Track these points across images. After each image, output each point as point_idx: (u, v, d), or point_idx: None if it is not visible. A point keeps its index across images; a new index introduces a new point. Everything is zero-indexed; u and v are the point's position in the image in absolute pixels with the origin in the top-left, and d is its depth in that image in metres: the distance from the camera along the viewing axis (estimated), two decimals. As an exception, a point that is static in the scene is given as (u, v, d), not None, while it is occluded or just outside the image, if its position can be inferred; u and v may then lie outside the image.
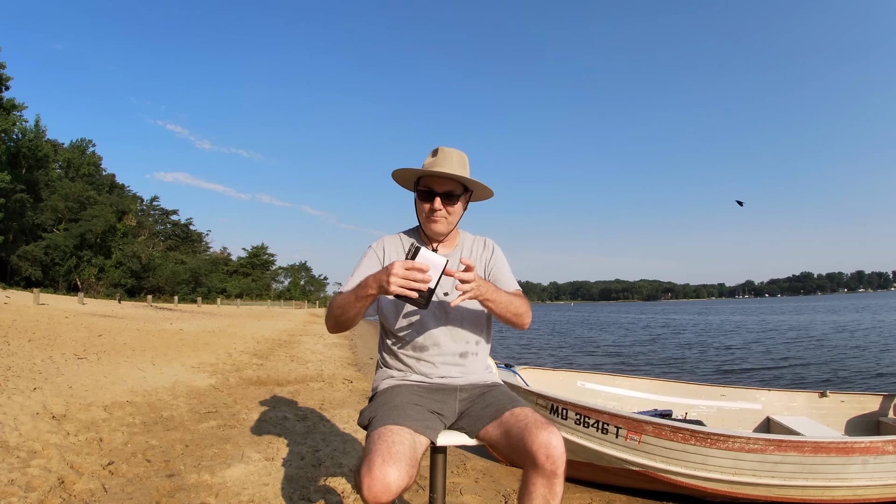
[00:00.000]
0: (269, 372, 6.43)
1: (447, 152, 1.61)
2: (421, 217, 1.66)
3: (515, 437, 1.40)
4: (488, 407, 1.53)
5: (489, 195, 1.74)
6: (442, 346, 1.60)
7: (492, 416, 1.49)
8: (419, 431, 1.40)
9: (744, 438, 2.41)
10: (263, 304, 49.08)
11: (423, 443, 1.40)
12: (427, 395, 1.57)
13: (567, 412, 2.65)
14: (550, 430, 1.37)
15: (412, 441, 1.35)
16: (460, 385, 1.60)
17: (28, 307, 13.42)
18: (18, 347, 5.94)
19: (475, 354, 1.64)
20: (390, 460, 1.25)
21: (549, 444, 1.34)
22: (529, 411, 1.47)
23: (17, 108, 31.41)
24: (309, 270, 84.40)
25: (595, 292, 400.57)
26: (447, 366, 1.60)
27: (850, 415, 3.63)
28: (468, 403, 1.58)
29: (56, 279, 34.76)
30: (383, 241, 1.71)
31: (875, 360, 9.69)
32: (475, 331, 1.64)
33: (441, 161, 1.59)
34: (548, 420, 1.42)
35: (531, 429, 1.38)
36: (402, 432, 1.36)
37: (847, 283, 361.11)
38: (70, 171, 41.49)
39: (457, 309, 1.60)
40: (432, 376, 1.59)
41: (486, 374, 1.68)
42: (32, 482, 2.31)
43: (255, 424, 3.68)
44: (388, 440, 1.31)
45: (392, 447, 1.29)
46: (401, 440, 1.33)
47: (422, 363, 1.60)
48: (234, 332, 12.87)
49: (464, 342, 1.62)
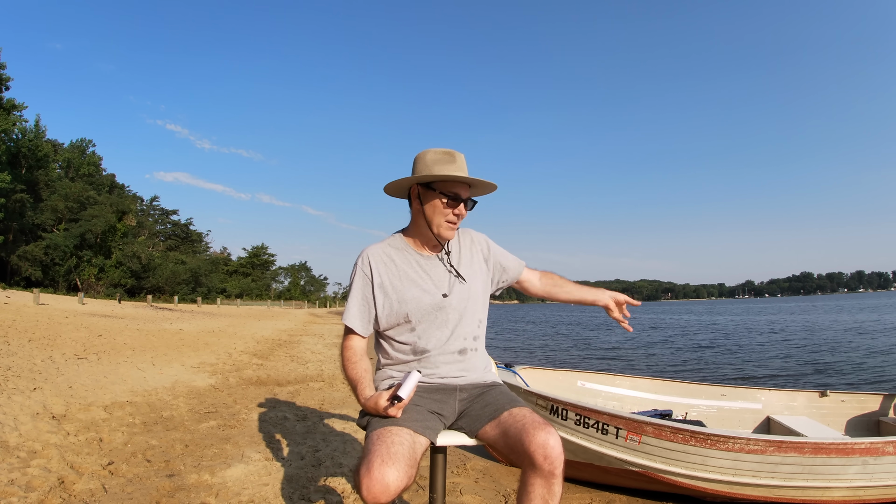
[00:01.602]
0: (269, 372, 6.43)
1: (462, 158, 1.62)
2: (438, 221, 1.60)
3: (513, 438, 1.41)
4: (487, 406, 1.53)
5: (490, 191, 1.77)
6: (441, 346, 1.59)
7: (490, 416, 1.50)
8: (419, 432, 1.40)
9: (744, 439, 2.41)
10: (263, 305, 49.09)
11: (423, 443, 1.40)
12: (427, 395, 1.56)
13: (567, 413, 2.65)
14: (548, 431, 1.37)
15: (411, 441, 1.36)
16: (460, 385, 1.60)
17: (28, 307, 13.42)
18: (18, 347, 5.94)
19: (474, 350, 1.65)
20: (389, 461, 1.26)
21: (546, 445, 1.34)
22: (528, 411, 1.47)
23: (17, 108, 31.41)
24: (309, 270, 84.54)
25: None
26: (447, 365, 1.60)
27: (850, 415, 3.63)
28: (468, 403, 1.58)
29: (56, 279, 34.76)
30: (368, 257, 1.63)
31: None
32: (472, 327, 1.64)
33: (462, 167, 1.60)
34: (546, 420, 1.43)
35: (529, 429, 1.38)
36: (402, 433, 1.36)
37: (847, 283, 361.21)
38: (70, 171, 41.49)
39: (455, 308, 1.61)
40: (432, 377, 1.59)
41: (486, 374, 1.68)
42: (32, 482, 2.31)
43: (255, 424, 3.69)
44: (388, 441, 1.32)
45: (391, 448, 1.30)
46: (400, 440, 1.33)
47: (421, 364, 1.60)
48: (234, 332, 12.88)
49: (461, 339, 1.62)
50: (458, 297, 1.62)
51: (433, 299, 1.60)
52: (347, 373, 1.59)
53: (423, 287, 1.61)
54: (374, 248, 1.66)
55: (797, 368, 9.10)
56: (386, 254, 1.64)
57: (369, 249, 1.65)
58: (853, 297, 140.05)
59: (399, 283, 1.61)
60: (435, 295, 1.60)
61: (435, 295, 1.60)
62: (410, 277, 1.62)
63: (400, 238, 1.70)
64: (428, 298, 1.60)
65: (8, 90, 31.07)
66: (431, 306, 1.59)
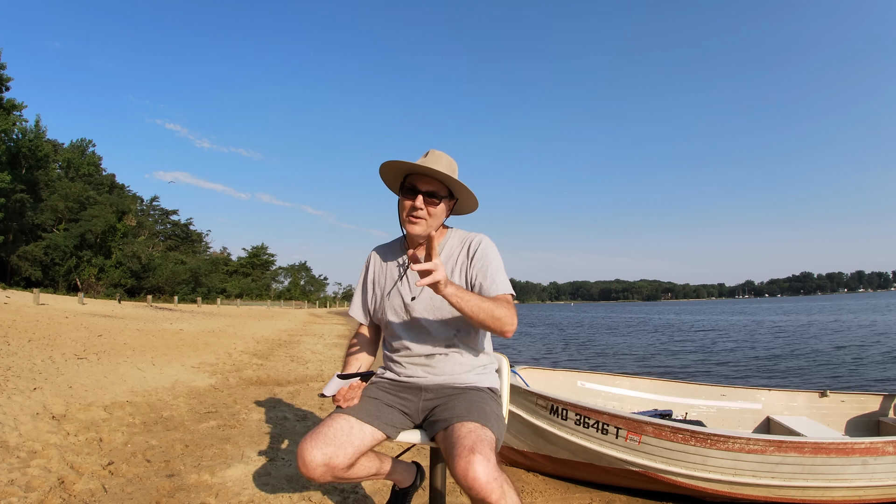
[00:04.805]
0: (269, 372, 6.43)
1: (438, 154, 1.60)
2: (401, 217, 1.62)
3: (447, 457, 1.34)
4: (446, 412, 1.49)
5: (474, 207, 1.71)
6: (410, 349, 1.62)
7: (444, 424, 1.45)
8: (365, 421, 1.48)
9: (744, 439, 2.41)
10: (263, 305, 49.09)
11: (369, 432, 1.48)
12: (395, 392, 1.62)
13: (567, 412, 2.65)
14: (470, 459, 1.24)
15: (349, 428, 1.46)
16: (425, 385, 1.61)
17: (28, 307, 13.41)
18: (18, 347, 5.93)
19: (444, 356, 1.60)
20: (317, 442, 1.40)
21: (466, 476, 1.23)
22: (467, 430, 1.35)
23: (17, 108, 31.39)
24: (309, 270, 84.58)
25: (595, 292, 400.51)
26: (414, 366, 1.63)
27: (850, 415, 3.63)
28: (433, 404, 1.58)
29: (56, 279, 34.75)
30: (371, 254, 1.79)
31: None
32: (444, 334, 1.59)
33: (430, 161, 1.58)
34: (477, 444, 1.29)
35: (454, 454, 1.29)
36: (340, 419, 1.48)
37: (847, 283, 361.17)
38: (70, 171, 41.45)
39: (422, 313, 1.59)
40: (400, 375, 1.64)
41: (465, 376, 1.61)
42: (32, 482, 2.30)
43: (255, 424, 3.68)
44: (325, 425, 1.46)
45: (321, 429, 1.44)
46: (338, 426, 1.45)
47: (393, 363, 1.67)
48: (234, 332, 12.87)
49: (430, 346, 1.60)
50: (424, 303, 1.59)
51: (402, 301, 1.63)
52: (343, 359, 1.74)
53: (398, 288, 1.65)
54: (380, 247, 1.80)
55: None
56: (384, 252, 1.76)
57: (375, 247, 1.81)
58: (853, 297, 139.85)
59: (383, 281, 1.70)
60: (406, 297, 1.62)
61: (406, 297, 1.62)
62: (392, 277, 1.69)
63: (400, 240, 1.77)
64: (398, 300, 1.64)
65: (8, 90, 31.09)
66: (400, 308, 1.63)
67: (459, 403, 1.50)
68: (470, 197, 1.65)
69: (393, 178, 1.68)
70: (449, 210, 1.67)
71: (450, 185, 1.61)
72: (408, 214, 1.59)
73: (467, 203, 1.70)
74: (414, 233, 1.60)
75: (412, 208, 1.57)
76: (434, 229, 1.60)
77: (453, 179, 1.57)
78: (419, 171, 1.58)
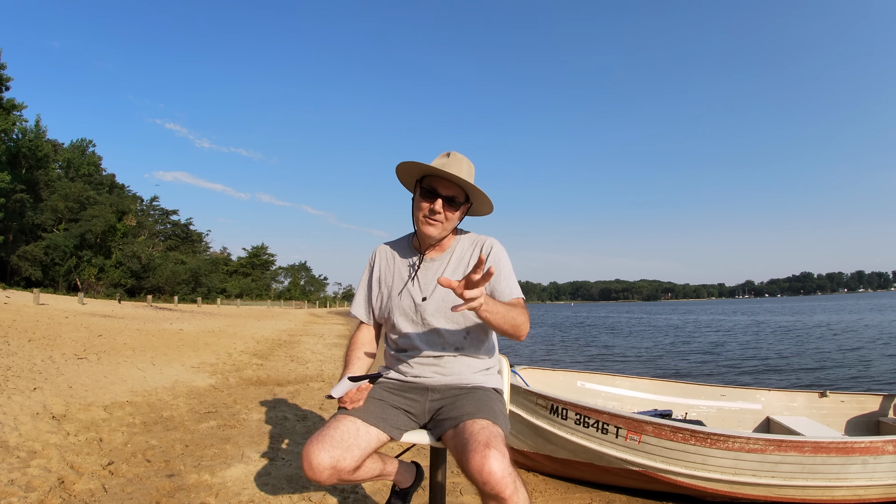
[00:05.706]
0: (269, 372, 6.43)
1: (459, 158, 1.59)
2: (417, 217, 1.61)
3: (459, 453, 1.35)
4: (455, 410, 1.50)
5: (488, 211, 1.71)
6: (419, 349, 1.61)
7: (453, 423, 1.45)
8: (370, 423, 1.46)
9: (744, 438, 2.41)
10: (263, 305, 49.07)
11: (374, 434, 1.46)
12: (400, 392, 1.60)
13: (567, 412, 2.65)
14: (486, 454, 1.26)
15: (355, 430, 1.43)
16: (432, 385, 1.60)
17: (28, 307, 13.41)
18: (18, 347, 5.93)
19: (453, 357, 1.60)
20: (322, 444, 1.38)
21: (482, 470, 1.25)
22: (480, 426, 1.36)
23: (17, 108, 31.39)
24: (309, 270, 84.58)
25: (595, 292, 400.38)
26: (422, 367, 1.61)
27: (850, 415, 3.63)
28: (440, 404, 1.57)
29: (56, 279, 34.74)
30: (376, 252, 1.77)
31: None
32: (454, 335, 1.60)
33: (452, 164, 1.57)
34: (492, 439, 1.31)
35: (469, 449, 1.30)
36: (346, 421, 1.45)
37: (847, 283, 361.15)
38: (70, 171, 41.43)
39: (433, 314, 1.59)
40: (407, 375, 1.63)
41: (473, 377, 1.61)
42: (32, 482, 2.30)
43: (255, 424, 3.68)
44: (330, 426, 1.44)
45: (326, 431, 1.41)
46: (343, 428, 1.43)
47: (400, 363, 1.65)
48: (234, 332, 12.87)
49: (440, 347, 1.60)
50: (436, 304, 1.59)
51: (412, 302, 1.61)
52: (345, 358, 1.70)
53: (408, 288, 1.64)
54: (384, 244, 1.79)
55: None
56: (391, 251, 1.74)
57: (380, 245, 1.79)
58: (854, 297, 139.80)
59: (391, 280, 1.68)
60: (416, 297, 1.61)
61: (416, 297, 1.61)
62: (402, 277, 1.67)
63: (408, 238, 1.75)
64: (408, 300, 1.62)
65: (8, 90, 31.06)
66: (410, 308, 1.61)
67: (468, 402, 1.51)
68: (486, 203, 1.65)
69: (409, 176, 1.66)
70: (464, 214, 1.67)
71: (469, 191, 1.61)
72: (424, 216, 1.58)
73: (482, 208, 1.70)
74: (429, 234, 1.59)
75: (431, 211, 1.57)
76: (448, 232, 1.64)
77: (474, 187, 1.57)
78: (441, 174, 1.56)
